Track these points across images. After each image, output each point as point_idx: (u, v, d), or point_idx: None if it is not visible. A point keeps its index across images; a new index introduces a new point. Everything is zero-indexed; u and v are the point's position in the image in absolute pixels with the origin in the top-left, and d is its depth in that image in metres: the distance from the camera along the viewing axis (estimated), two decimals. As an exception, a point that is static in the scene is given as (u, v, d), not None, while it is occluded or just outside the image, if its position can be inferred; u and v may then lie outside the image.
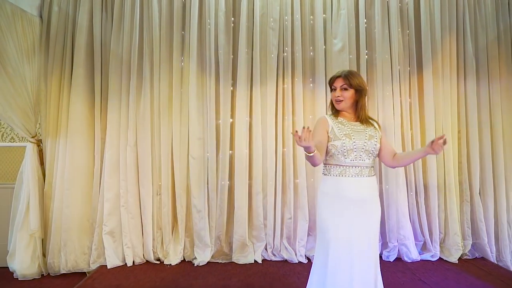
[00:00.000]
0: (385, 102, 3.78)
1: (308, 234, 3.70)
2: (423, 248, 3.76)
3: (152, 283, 3.07)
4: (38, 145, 3.63)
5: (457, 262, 3.59)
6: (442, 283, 3.08)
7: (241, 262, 3.56)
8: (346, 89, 2.14)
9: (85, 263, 3.57)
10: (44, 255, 3.57)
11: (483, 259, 3.70)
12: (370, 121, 2.21)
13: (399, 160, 2.22)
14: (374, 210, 2.12)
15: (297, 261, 3.56)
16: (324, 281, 2.03)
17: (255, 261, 3.58)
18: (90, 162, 3.67)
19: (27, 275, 3.41)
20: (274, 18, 3.74)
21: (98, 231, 3.55)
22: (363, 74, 3.79)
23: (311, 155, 1.88)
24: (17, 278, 3.39)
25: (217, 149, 3.71)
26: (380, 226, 3.69)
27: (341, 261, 1.99)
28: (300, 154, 3.64)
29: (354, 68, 3.78)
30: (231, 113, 3.74)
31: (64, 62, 3.65)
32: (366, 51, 3.83)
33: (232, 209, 3.69)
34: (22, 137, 3.82)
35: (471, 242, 3.76)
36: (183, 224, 3.65)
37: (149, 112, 3.66)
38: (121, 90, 3.67)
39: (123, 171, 3.60)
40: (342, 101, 2.15)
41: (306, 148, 1.85)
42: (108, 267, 3.42)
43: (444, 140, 1.93)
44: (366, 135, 2.11)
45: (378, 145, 2.12)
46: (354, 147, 2.06)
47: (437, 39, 3.81)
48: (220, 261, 3.60)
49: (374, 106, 3.81)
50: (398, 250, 3.68)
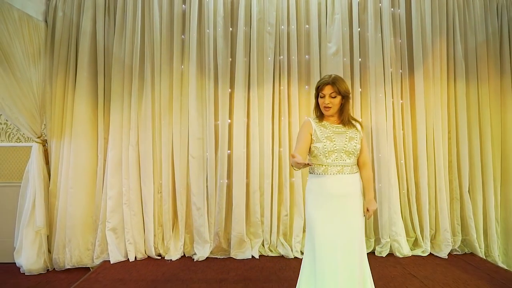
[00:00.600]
0: (378, 103, 3.92)
1: (304, 231, 3.83)
2: (415, 244, 3.90)
3: (153, 277, 3.21)
4: (44, 145, 3.76)
5: (447, 257, 3.73)
6: (430, 276, 3.22)
7: (239, 257, 3.70)
8: (334, 97, 2.25)
9: (89, 258, 3.70)
10: (49, 251, 3.70)
11: (472, 255, 3.84)
12: (353, 122, 2.33)
13: (361, 173, 2.36)
14: (355, 205, 2.24)
15: (293, 257, 3.70)
16: (314, 271, 2.17)
17: (252, 256, 3.71)
18: (94, 161, 3.80)
19: (33, 270, 3.54)
20: (270, 23, 3.88)
21: (102, 228, 3.69)
22: (357, 77, 3.94)
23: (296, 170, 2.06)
24: (24, 273, 3.53)
25: (216, 149, 3.85)
26: (373, 223, 3.88)
27: (327, 252, 2.13)
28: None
29: (348, 71, 3.93)
30: (229, 114, 3.88)
31: (68, 65, 3.78)
32: (360, 54, 3.97)
33: (230, 206, 3.82)
34: (27, 138, 3.96)
35: (460, 238, 3.90)
36: (183, 221, 3.79)
37: (150, 113, 3.79)
38: (123, 92, 3.80)
39: (125, 170, 3.73)
40: (330, 108, 2.26)
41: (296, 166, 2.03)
42: (111, 262, 3.56)
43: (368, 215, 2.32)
44: (347, 137, 2.24)
45: (358, 146, 2.25)
46: (335, 148, 2.20)
47: (428, 42, 3.95)
48: (218, 257, 3.74)
49: (367, 107, 3.95)
50: (390, 246, 3.81)
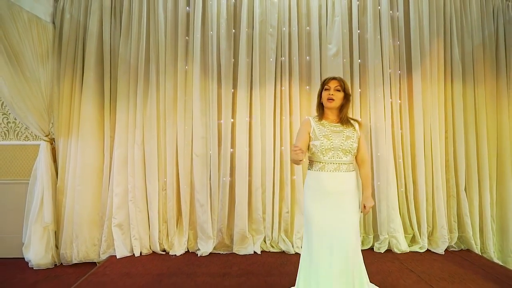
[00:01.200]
0: (377, 103, 4.02)
1: (304, 227, 3.94)
2: (412, 241, 4.00)
3: (159, 271, 3.31)
4: (51, 144, 3.86)
5: (443, 253, 3.84)
6: (427, 271, 3.32)
7: (241, 253, 3.80)
8: (338, 91, 2.38)
9: (95, 253, 3.80)
10: (56, 246, 3.81)
11: (468, 251, 3.94)
12: (352, 122, 2.43)
13: (359, 170, 2.48)
14: (351, 201, 2.34)
15: (293, 252, 3.79)
16: (310, 263, 2.28)
17: (254, 252, 3.82)
18: (100, 159, 3.90)
19: (41, 264, 3.64)
20: (272, 25, 3.98)
21: (108, 224, 3.79)
22: (356, 77, 4.05)
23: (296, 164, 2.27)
24: (32, 268, 3.63)
25: (219, 148, 3.95)
26: (372, 220, 3.98)
27: (322, 246, 2.23)
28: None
29: (348, 71, 4.04)
30: (232, 113, 3.98)
31: (75, 66, 3.88)
32: (359, 56, 4.08)
33: (233, 203, 3.93)
34: (35, 136, 4.05)
35: (457, 235, 4.00)
36: (187, 217, 3.89)
37: (155, 113, 3.90)
38: (129, 92, 3.90)
39: (131, 168, 3.83)
40: (333, 100, 2.37)
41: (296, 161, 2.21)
42: (118, 257, 3.66)
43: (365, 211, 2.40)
44: (344, 136, 2.35)
45: (355, 145, 2.35)
46: (332, 146, 2.31)
47: (426, 44, 4.05)
48: (221, 252, 3.84)
49: (366, 107, 4.05)
50: (389, 242, 3.92)
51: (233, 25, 4.02)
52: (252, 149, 3.96)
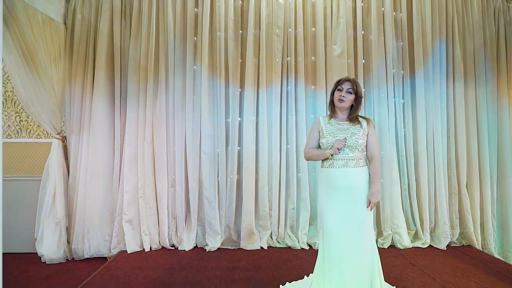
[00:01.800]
0: (380, 102, 4.12)
1: (310, 224, 4.04)
2: (415, 237, 4.10)
3: (169, 265, 3.41)
4: (63, 141, 3.96)
5: (445, 249, 3.94)
6: (430, 266, 3.42)
7: (248, 248, 3.89)
8: (350, 93, 2.48)
9: (106, 249, 3.90)
10: (68, 241, 3.91)
11: (470, 247, 4.04)
12: (360, 119, 2.52)
13: (369, 166, 2.53)
14: (361, 196, 2.41)
15: (299, 248, 3.90)
16: (323, 258, 2.38)
17: (261, 247, 3.91)
18: (111, 157, 4.00)
19: (53, 259, 3.75)
20: (279, 26, 4.08)
21: (118, 220, 3.89)
22: (360, 77, 4.14)
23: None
24: (45, 262, 3.73)
25: (227, 146, 4.05)
26: (376, 216, 4.07)
27: (333, 238, 2.32)
28: (303, 150, 3.97)
29: (352, 72, 4.13)
30: (239, 112, 4.08)
31: (86, 65, 3.98)
32: (363, 56, 4.17)
33: (240, 200, 4.03)
34: (47, 134, 4.15)
35: (458, 231, 4.10)
36: (196, 213, 3.99)
37: (164, 111, 3.99)
38: (139, 91, 4.00)
39: (141, 165, 3.93)
40: (344, 101, 2.48)
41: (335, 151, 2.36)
42: (128, 252, 3.76)
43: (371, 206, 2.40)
44: (349, 133, 2.44)
45: (360, 141, 2.43)
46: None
47: (428, 45, 4.15)
48: (229, 248, 3.94)
49: (370, 106, 4.15)
50: (392, 238, 4.02)
51: (240, 26, 4.12)
52: (259, 147, 4.06)
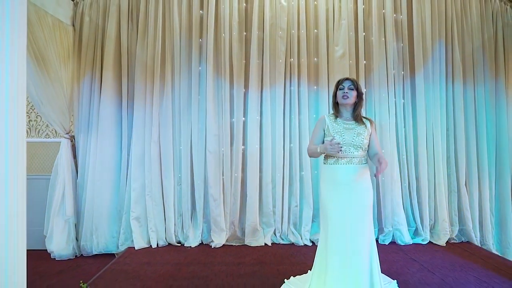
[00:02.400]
0: (381, 103, 4.22)
1: (312, 221, 4.14)
2: (415, 233, 4.20)
3: (177, 261, 3.50)
4: (71, 141, 4.05)
5: (445, 245, 4.03)
6: (430, 261, 3.52)
7: (253, 244, 3.99)
8: (352, 89, 2.59)
9: (114, 245, 4.00)
10: (76, 238, 4.00)
11: (468, 243, 4.14)
12: (364, 120, 2.63)
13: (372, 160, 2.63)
14: (363, 190, 2.52)
15: (302, 244, 3.99)
16: (326, 247, 2.47)
17: (265, 244, 4.01)
18: (118, 156, 4.10)
19: (63, 255, 3.84)
20: (282, 28, 4.17)
21: (126, 217, 3.98)
22: (362, 78, 4.24)
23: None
24: (55, 258, 3.83)
25: (231, 145, 4.14)
26: (377, 214, 4.17)
27: (337, 230, 2.42)
28: (305, 149, 4.07)
29: (354, 72, 4.23)
30: (243, 112, 4.18)
31: (94, 66, 4.08)
32: (365, 57, 4.27)
33: (245, 198, 4.13)
34: (55, 133, 4.25)
35: (458, 228, 4.20)
36: (201, 211, 4.08)
37: (170, 111, 4.09)
38: (145, 92, 4.09)
39: (147, 164, 4.02)
40: (348, 97, 2.58)
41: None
42: (136, 248, 3.85)
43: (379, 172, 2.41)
44: (355, 132, 2.54)
45: (365, 141, 2.54)
46: (344, 142, 2.50)
47: (428, 46, 4.25)
48: (234, 244, 4.03)
49: (371, 106, 4.25)
50: (393, 235, 4.12)
51: (245, 28, 4.21)
52: (263, 146, 4.15)
